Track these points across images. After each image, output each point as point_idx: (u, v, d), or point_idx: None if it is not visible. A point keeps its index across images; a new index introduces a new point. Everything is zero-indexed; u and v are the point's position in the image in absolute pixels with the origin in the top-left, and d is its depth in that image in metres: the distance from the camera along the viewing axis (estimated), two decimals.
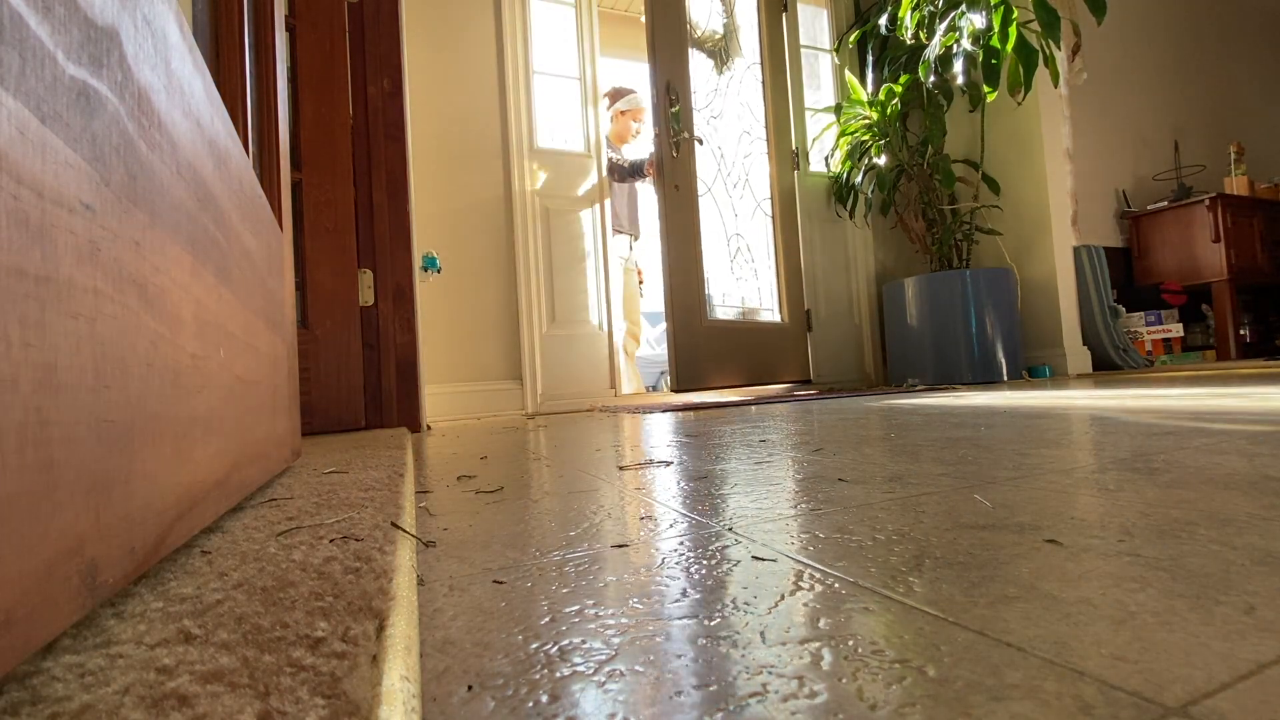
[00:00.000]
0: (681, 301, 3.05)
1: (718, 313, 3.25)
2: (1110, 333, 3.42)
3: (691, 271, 3.12)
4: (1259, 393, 1.55)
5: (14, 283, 0.23)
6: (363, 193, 2.00)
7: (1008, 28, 2.60)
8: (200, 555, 0.45)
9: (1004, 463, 0.80)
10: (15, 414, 0.23)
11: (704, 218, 3.21)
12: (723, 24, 3.48)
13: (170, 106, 0.44)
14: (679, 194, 3.10)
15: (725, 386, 3.15)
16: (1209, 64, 4.76)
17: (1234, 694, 0.26)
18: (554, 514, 0.68)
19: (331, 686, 0.25)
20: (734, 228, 3.47)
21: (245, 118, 0.82)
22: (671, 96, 3.08)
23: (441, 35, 2.80)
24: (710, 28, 3.41)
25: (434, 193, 2.73)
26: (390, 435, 1.54)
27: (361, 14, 2.04)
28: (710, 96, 3.36)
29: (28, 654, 0.24)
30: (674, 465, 0.97)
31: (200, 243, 0.50)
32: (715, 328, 3.16)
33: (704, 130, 3.29)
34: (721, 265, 3.36)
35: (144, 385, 0.37)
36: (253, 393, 0.69)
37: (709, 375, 3.10)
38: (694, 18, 3.29)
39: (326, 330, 1.85)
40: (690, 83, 3.19)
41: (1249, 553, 0.41)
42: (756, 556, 0.48)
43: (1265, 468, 0.68)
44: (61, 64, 0.28)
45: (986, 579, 0.40)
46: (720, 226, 3.39)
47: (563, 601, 0.41)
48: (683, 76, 3.16)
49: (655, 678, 0.30)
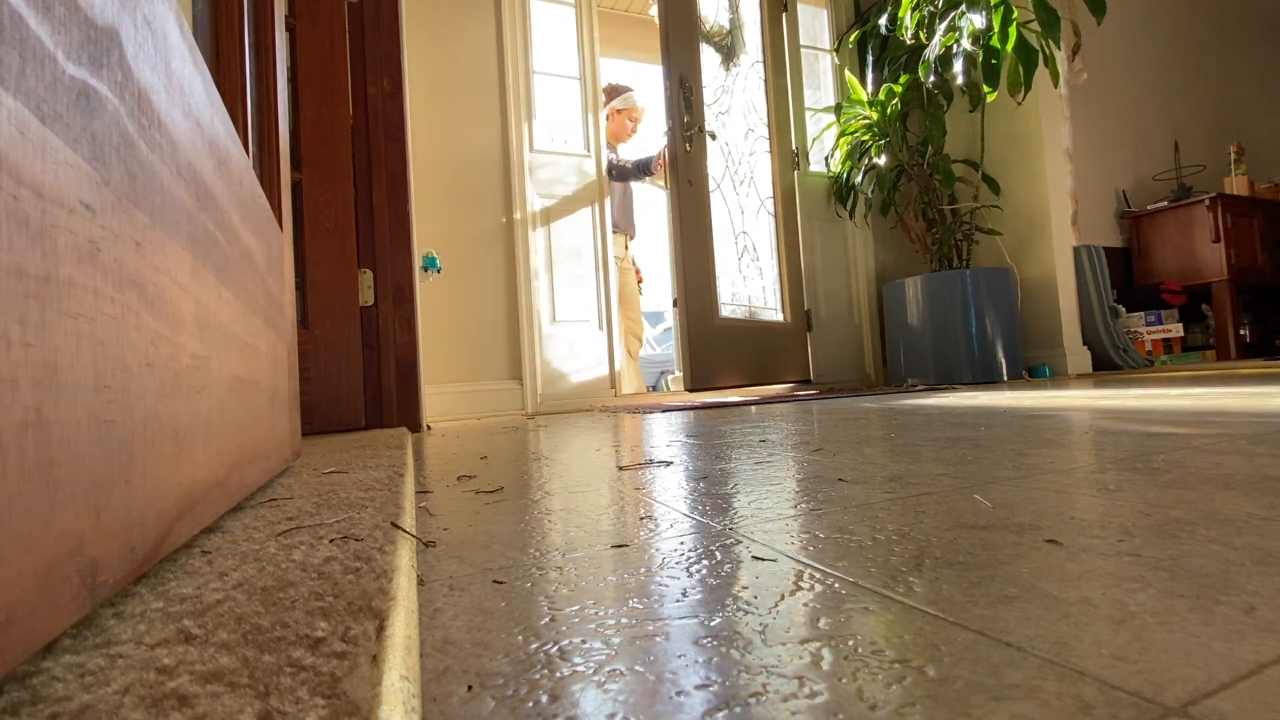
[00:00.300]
0: (696, 300, 3.04)
1: (725, 312, 3.24)
2: (1110, 333, 3.42)
3: (705, 269, 3.10)
4: (1259, 392, 1.55)
5: (14, 283, 0.23)
6: (363, 193, 2.00)
7: (1008, 28, 2.60)
8: (200, 555, 0.45)
9: (1004, 463, 0.80)
10: (15, 414, 0.23)
11: (714, 215, 3.19)
12: (729, 19, 3.47)
13: (170, 106, 0.44)
14: (692, 190, 3.08)
15: (733, 386, 3.14)
16: (1209, 64, 4.76)
17: (1234, 694, 0.26)
18: (554, 514, 0.68)
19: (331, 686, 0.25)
20: (740, 226, 3.46)
21: (245, 118, 0.82)
22: (685, 90, 3.07)
23: (442, 35, 2.81)
24: (717, 22, 3.40)
25: (434, 192, 2.73)
26: (390, 435, 1.54)
27: (361, 14, 2.04)
28: (718, 93, 3.34)
29: (28, 654, 0.24)
30: (674, 465, 0.97)
31: (200, 243, 0.50)
32: (725, 327, 3.15)
33: (712, 126, 3.27)
34: (729, 263, 3.34)
35: (144, 385, 0.37)
36: (253, 393, 0.69)
37: (719, 375, 3.09)
38: (703, 12, 3.28)
39: (326, 330, 1.85)
40: (702, 77, 3.18)
41: (1249, 553, 0.41)
42: (756, 556, 0.48)
43: (1265, 468, 0.67)
44: (61, 64, 0.28)
45: (986, 579, 0.40)
46: (729, 224, 3.37)
47: (562, 601, 0.41)
48: (695, 70, 3.15)
49: (655, 678, 0.30)
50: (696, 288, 3.05)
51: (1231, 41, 4.91)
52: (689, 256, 3.04)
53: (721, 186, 3.32)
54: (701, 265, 3.09)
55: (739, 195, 3.46)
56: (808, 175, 3.61)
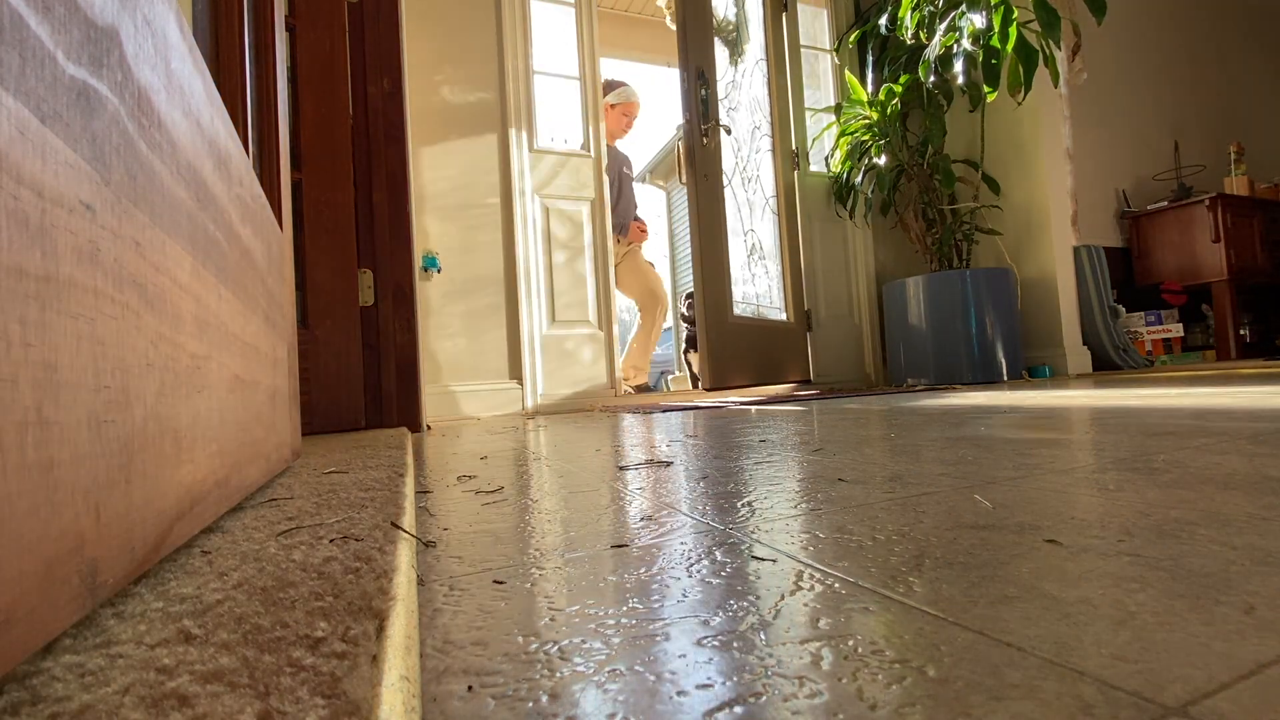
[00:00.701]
0: (714, 297, 3.01)
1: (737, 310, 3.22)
2: (1110, 333, 3.42)
3: (720, 266, 3.07)
4: (1259, 392, 1.55)
5: (14, 282, 0.23)
6: (363, 193, 1.99)
7: (1008, 28, 2.60)
8: (200, 555, 0.45)
9: (1004, 463, 0.80)
10: (15, 414, 0.23)
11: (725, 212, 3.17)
12: (735, 14, 3.47)
13: (170, 106, 0.44)
14: (708, 184, 3.06)
15: (743, 385, 3.13)
16: (1209, 64, 4.76)
17: (1234, 694, 0.26)
18: (554, 514, 0.68)
19: (331, 686, 0.25)
20: (748, 223, 3.44)
21: (245, 118, 0.82)
22: (702, 83, 3.05)
23: (441, 35, 2.81)
24: (725, 16, 3.39)
25: (434, 192, 2.73)
26: (390, 435, 1.54)
27: (361, 14, 2.04)
28: (728, 88, 3.32)
29: (28, 654, 0.24)
30: (674, 465, 0.97)
31: (200, 243, 0.50)
32: (737, 325, 3.13)
33: (725, 121, 3.25)
34: (739, 261, 3.32)
35: (144, 385, 0.37)
36: (253, 392, 0.69)
37: (733, 374, 3.08)
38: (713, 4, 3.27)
39: (326, 330, 1.85)
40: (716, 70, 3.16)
41: (1249, 553, 0.41)
42: (757, 556, 0.48)
43: (1265, 468, 0.67)
44: (61, 64, 0.28)
45: (986, 579, 0.40)
46: (738, 222, 3.35)
47: (562, 601, 0.41)
48: (711, 63, 3.13)
49: (655, 678, 0.30)
50: (714, 285, 3.02)
51: (1231, 41, 4.91)
52: (707, 254, 3.01)
53: (732, 183, 3.30)
54: (718, 262, 3.07)
55: (747, 192, 3.44)
56: (808, 175, 3.61)
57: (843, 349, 3.65)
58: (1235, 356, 3.88)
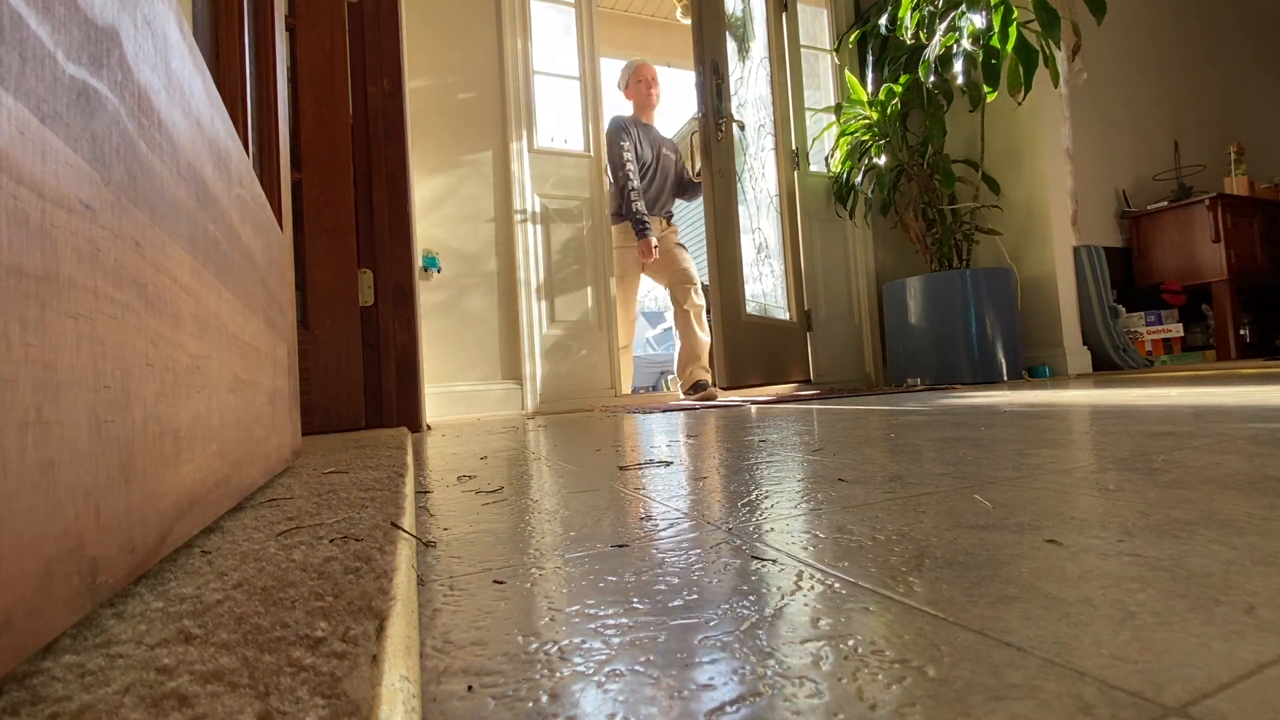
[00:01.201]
0: (729, 295, 2.99)
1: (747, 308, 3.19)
2: (1110, 333, 3.42)
3: (734, 264, 3.05)
4: (1259, 392, 1.55)
5: (14, 282, 0.23)
6: (363, 193, 2.00)
7: (1008, 28, 2.60)
8: (200, 555, 0.45)
9: (1004, 463, 0.80)
10: (15, 414, 0.23)
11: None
12: (742, 11, 3.46)
13: (170, 106, 0.44)
14: (724, 180, 3.02)
15: (752, 385, 3.10)
16: (1209, 64, 4.76)
17: (1234, 694, 0.26)
18: (554, 514, 0.68)
19: (331, 686, 0.25)
20: (756, 221, 3.41)
21: (245, 118, 0.82)
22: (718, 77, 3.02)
23: (441, 35, 2.80)
24: (734, 12, 3.37)
25: (434, 192, 2.73)
26: (390, 435, 1.54)
27: (361, 14, 2.04)
28: (736, 84, 3.30)
29: (28, 654, 0.24)
30: (674, 465, 0.97)
31: (200, 243, 0.50)
32: (748, 324, 3.11)
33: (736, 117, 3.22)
34: (749, 260, 3.28)
35: (144, 385, 0.37)
36: (253, 393, 0.69)
37: (745, 373, 3.06)
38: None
39: (326, 330, 1.85)
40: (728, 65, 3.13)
41: (1249, 553, 0.41)
42: (757, 556, 0.48)
43: (1265, 468, 0.67)
44: (61, 64, 0.28)
45: (986, 579, 0.40)
46: (747, 219, 3.31)
47: (562, 601, 0.41)
48: (724, 57, 3.10)
49: (655, 678, 0.30)
50: (729, 282, 3.00)
51: (1231, 41, 4.90)
52: (723, 251, 2.99)
53: (741, 180, 3.27)
54: (732, 260, 3.05)
55: (755, 191, 3.42)
56: (808, 175, 3.62)
57: (842, 349, 3.65)
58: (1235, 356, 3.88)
